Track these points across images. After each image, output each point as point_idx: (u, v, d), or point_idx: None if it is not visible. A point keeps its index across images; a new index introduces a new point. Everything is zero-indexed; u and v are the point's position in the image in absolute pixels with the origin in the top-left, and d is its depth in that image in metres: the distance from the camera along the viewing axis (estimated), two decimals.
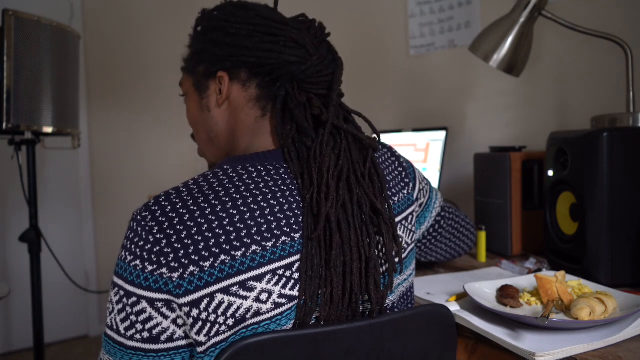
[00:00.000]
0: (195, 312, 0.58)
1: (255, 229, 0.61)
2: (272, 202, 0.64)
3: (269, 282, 0.60)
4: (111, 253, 3.17)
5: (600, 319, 0.77)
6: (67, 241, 3.03)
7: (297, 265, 0.62)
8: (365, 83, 2.20)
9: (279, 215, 0.63)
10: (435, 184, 1.61)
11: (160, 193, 0.64)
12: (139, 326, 0.60)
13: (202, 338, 0.59)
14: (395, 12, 2.05)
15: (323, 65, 0.71)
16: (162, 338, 0.60)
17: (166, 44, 3.33)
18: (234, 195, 0.63)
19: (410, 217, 0.78)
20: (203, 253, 0.59)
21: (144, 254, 0.60)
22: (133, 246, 0.61)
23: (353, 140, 0.71)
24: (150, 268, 0.59)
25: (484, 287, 0.92)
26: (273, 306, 0.61)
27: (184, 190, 0.64)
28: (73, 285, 2.11)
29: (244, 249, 0.60)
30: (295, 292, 0.62)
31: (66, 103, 1.82)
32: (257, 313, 0.60)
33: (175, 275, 0.58)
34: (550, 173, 1.13)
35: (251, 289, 0.59)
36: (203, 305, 0.58)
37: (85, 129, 3.08)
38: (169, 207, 0.61)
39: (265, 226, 0.62)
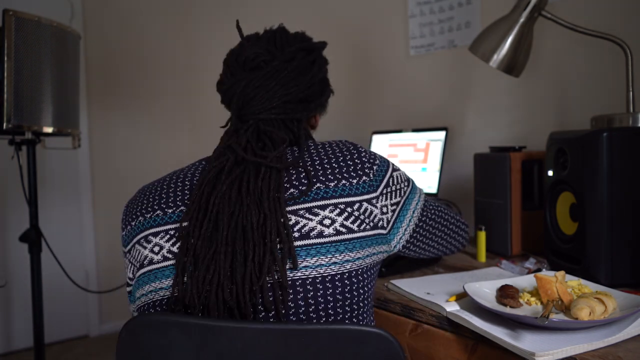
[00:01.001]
0: (129, 256, 0.83)
1: (164, 199, 0.82)
2: (187, 182, 0.83)
3: (161, 238, 0.78)
4: (111, 253, 3.17)
5: (600, 319, 0.77)
6: (67, 241, 3.03)
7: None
8: (365, 83, 2.20)
9: (186, 191, 0.81)
10: (435, 184, 1.61)
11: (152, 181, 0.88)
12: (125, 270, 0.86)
13: (130, 275, 0.83)
14: (395, 12, 2.05)
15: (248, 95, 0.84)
16: (127, 279, 0.85)
17: (166, 44, 3.33)
18: (167, 178, 0.85)
19: (360, 205, 0.78)
20: (132, 216, 0.83)
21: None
22: None
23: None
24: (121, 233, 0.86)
25: (484, 287, 0.92)
26: (162, 258, 0.77)
27: (158, 179, 0.86)
28: (73, 285, 2.11)
29: (151, 212, 0.81)
30: None
31: (66, 103, 1.83)
32: (151, 262, 0.78)
33: (123, 233, 0.85)
34: (550, 173, 1.13)
35: (149, 242, 0.79)
36: (131, 252, 0.82)
37: (85, 129, 3.08)
38: (138, 193, 0.86)
39: (172, 197, 0.81)
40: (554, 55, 1.53)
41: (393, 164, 0.88)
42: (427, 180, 1.64)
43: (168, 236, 0.77)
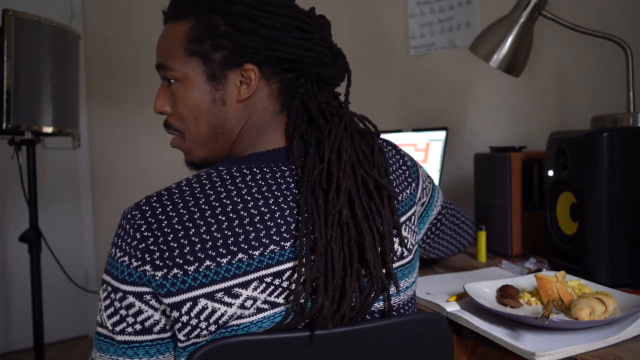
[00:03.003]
0: (175, 314, 0.59)
1: (242, 236, 0.60)
2: (262, 209, 0.62)
3: (255, 289, 0.60)
4: None
5: (600, 319, 0.77)
6: (67, 241, 3.03)
7: (288, 273, 0.62)
8: (366, 83, 2.20)
9: (269, 223, 0.62)
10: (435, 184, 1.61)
11: (153, 193, 0.64)
12: (130, 320, 0.61)
13: (181, 337, 0.60)
14: (395, 12, 2.05)
15: (344, 69, 0.73)
16: (155, 329, 0.61)
17: None
18: (224, 201, 0.62)
19: (413, 217, 0.76)
20: (188, 257, 0.58)
21: (131, 250, 0.60)
22: (122, 242, 0.61)
23: (358, 133, 0.72)
24: (135, 264, 0.59)
25: (484, 287, 0.92)
26: (255, 311, 0.60)
27: (176, 191, 0.63)
28: (73, 285, 2.11)
29: (230, 257, 0.59)
30: (280, 300, 0.61)
31: (66, 103, 1.82)
32: (239, 317, 0.60)
33: (159, 274, 0.58)
34: (550, 173, 1.13)
35: (237, 296, 0.59)
36: (185, 309, 0.58)
37: (85, 129, 3.08)
38: (159, 209, 0.61)
39: (253, 234, 0.61)
40: (554, 55, 1.53)
41: (416, 160, 0.85)
42: None
43: (264, 285, 0.60)
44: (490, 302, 0.87)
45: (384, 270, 0.66)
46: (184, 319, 0.58)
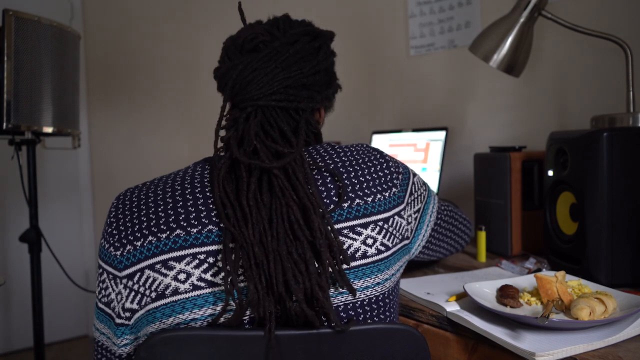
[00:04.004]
0: (130, 283, 0.70)
1: (183, 215, 0.69)
2: (208, 193, 0.71)
3: (188, 264, 0.67)
4: None
5: (600, 319, 0.77)
6: (67, 241, 3.03)
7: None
8: (365, 83, 2.20)
9: (211, 206, 0.70)
10: (435, 184, 1.61)
11: (137, 185, 0.77)
12: (102, 292, 0.73)
13: (135, 306, 0.70)
14: (395, 12, 2.05)
15: (246, 75, 0.75)
16: (111, 306, 0.72)
17: (166, 44, 3.33)
18: (176, 187, 0.73)
19: (393, 219, 0.76)
20: (137, 234, 0.70)
21: (105, 235, 0.73)
22: (103, 230, 0.75)
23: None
24: (107, 246, 0.72)
25: (484, 287, 0.92)
26: (191, 287, 0.67)
27: (149, 183, 0.76)
28: (73, 285, 2.11)
29: (168, 232, 0.69)
30: (217, 280, 0.67)
31: (66, 103, 1.83)
32: (176, 291, 0.67)
33: (118, 253, 0.71)
34: (550, 173, 1.13)
35: (171, 268, 0.68)
36: (136, 278, 0.69)
37: (85, 129, 3.09)
38: (128, 197, 0.74)
39: (194, 214, 0.69)
40: (554, 55, 1.53)
41: (412, 170, 0.85)
42: (427, 180, 1.64)
43: (197, 261, 0.67)
44: (490, 302, 0.87)
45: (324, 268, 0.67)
46: (135, 287, 0.69)
